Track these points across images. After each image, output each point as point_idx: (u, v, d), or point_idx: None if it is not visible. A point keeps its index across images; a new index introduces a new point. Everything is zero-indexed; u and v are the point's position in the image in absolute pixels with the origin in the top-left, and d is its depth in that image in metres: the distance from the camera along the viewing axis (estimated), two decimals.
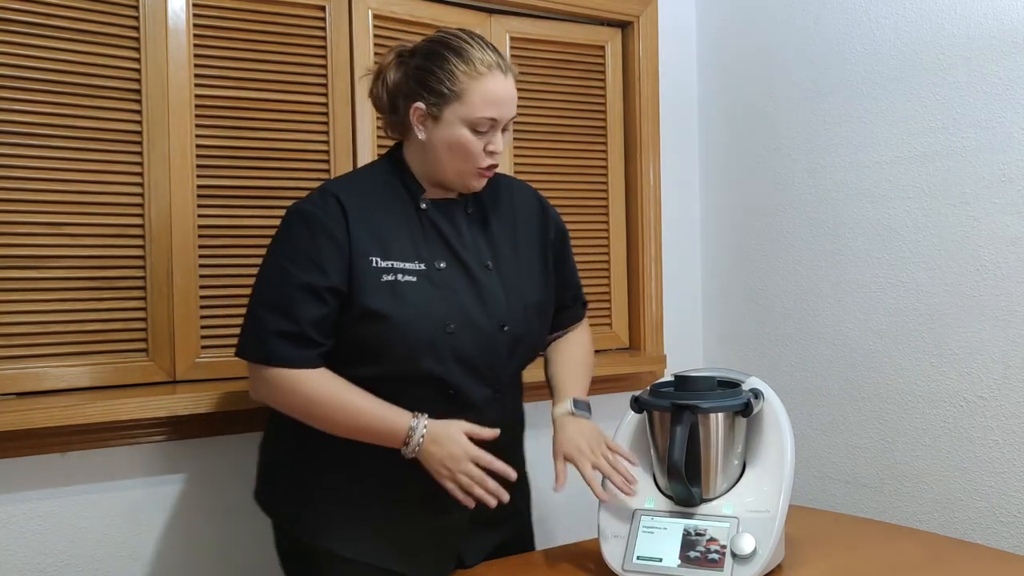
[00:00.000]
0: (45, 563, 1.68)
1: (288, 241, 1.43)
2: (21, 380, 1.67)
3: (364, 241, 1.42)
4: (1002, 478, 1.84)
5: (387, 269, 1.42)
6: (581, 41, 2.33)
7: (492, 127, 1.43)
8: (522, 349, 1.54)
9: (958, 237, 1.91)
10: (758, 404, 1.45)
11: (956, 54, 1.90)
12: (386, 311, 1.40)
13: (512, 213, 1.59)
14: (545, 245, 1.61)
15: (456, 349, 1.44)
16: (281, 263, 1.42)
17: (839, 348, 2.15)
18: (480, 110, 1.41)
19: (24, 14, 1.66)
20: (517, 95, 1.47)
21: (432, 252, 1.46)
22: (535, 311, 1.55)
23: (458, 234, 1.50)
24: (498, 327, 1.48)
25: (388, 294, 1.41)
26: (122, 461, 1.75)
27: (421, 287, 1.43)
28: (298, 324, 1.39)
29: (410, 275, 1.43)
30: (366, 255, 1.41)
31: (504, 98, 1.43)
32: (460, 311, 1.44)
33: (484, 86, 1.41)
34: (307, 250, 1.40)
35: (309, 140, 1.94)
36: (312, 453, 1.50)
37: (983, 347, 1.86)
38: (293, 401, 1.43)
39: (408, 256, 1.44)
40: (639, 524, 1.41)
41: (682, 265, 2.49)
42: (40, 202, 1.68)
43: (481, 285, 1.48)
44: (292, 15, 1.92)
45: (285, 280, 1.40)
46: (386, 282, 1.41)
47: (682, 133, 2.50)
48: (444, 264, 1.46)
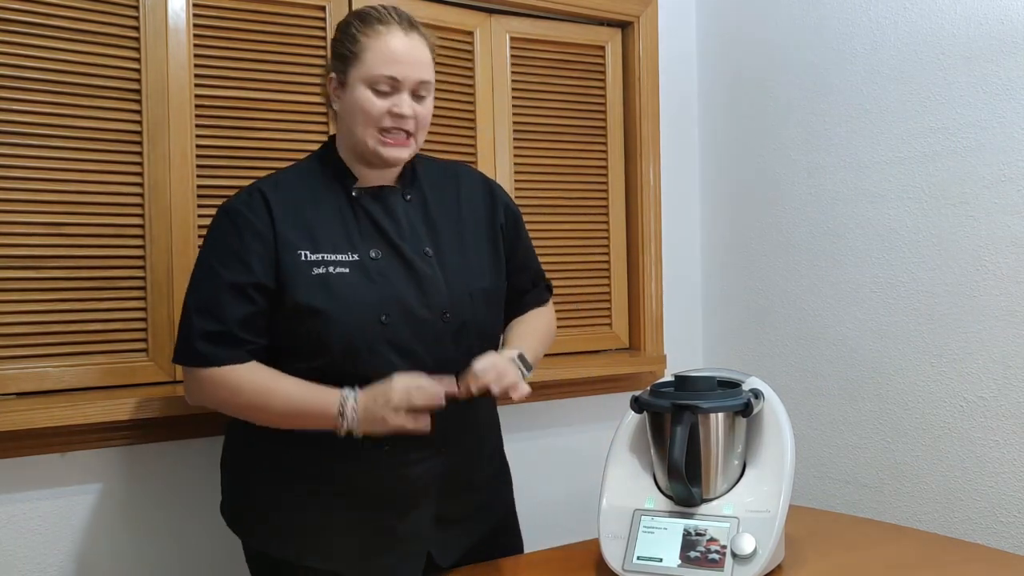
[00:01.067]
0: (45, 563, 1.68)
1: (214, 240, 1.42)
2: (21, 380, 1.66)
3: (292, 235, 1.40)
4: (1002, 478, 1.84)
5: (318, 262, 1.40)
6: (581, 41, 2.33)
7: (394, 87, 1.40)
8: (469, 337, 1.48)
9: (958, 237, 1.91)
10: (758, 404, 1.45)
11: (956, 54, 1.90)
12: (317, 305, 1.37)
13: (456, 198, 1.55)
14: (495, 230, 1.57)
15: (393, 340, 1.40)
16: (209, 263, 1.41)
17: (839, 348, 2.15)
18: (377, 67, 1.38)
19: (24, 14, 1.66)
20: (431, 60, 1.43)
21: (366, 242, 1.43)
22: (482, 297, 1.51)
23: (394, 222, 1.46)
24: (439, 315, 1.44)
25: (319, 288, 1.38)
26: (122, 461, 1.75)
27: (353, 278, 1.40)
28: (224, 324, 1.37)
29: (342, 267, 1.40)
30: (294, 249, 1.39)
31: (403, 55, 1.39)
32: (395, 301, 1.41)
33: (381, 42, 1.39)
34: (232, 248, 1.39)
35: (309, 140, 1.94)
36: (266, 465, 1.48)
37: (983, 347, 1.86)
38: (224, 397, 1.41)
39: (340, 247, 1.41)
40: (639, 524, 1.40)
41: (682, 265, 2.49)
42: (40, 202, 1.68)
43: (419, 273, 1.44)
44: (292, 15, 1.92)
45: (212, 280, 1.39)
46: (317, 275, 1.39)
47: (682, 133, 2.50)
48: (378, 253, 1.43)
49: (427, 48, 1.44)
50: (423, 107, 1.44)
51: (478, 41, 2.17)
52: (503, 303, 1.59)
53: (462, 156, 2.12)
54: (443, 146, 2.09)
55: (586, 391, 2.31)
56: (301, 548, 1.46)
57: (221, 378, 1.39)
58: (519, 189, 2.24)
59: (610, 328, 2.39)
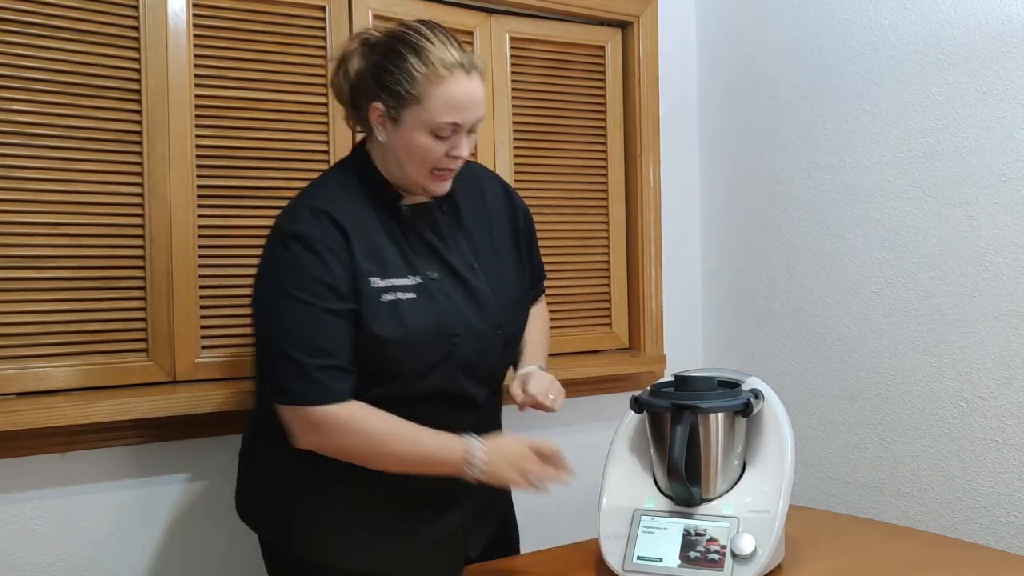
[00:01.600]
0: (45, 563, 1.68)
1: (294, 268, 1.33)
2: (21, 380, 1.66)
3: (364, 262, 1.35)
4: (1002, 478, 1.84)
5: (387, 288, 1.36)
6: (581, 41, 2.33)
7: (455, 131, 1.35)
8: (513, 344, 1.51)
9: (958, 237, 1.91)
10: (758, 404, 1.45)
11: (956, 54, 1.90)
12: (392, 334, 1.34)
13: (484, 204, 1.53)
14: (517, 234, 1.56)
15: (460, 358, 1.40)
16: (296, 295, 1.32)
17: (839, 348, 2.15)
18: (441, 115, 1.32)
19: (24, 14, 1.66)
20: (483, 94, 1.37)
21: (422, 262, 1.41)
22: (519, 304, 1.53)
23: (441, 238, 1.44)
24: (494, 328, 1.45)
25: (391, 315, 1.35)
26: (122, 461, 1.75)
27: (421, 303, 1.38)
28: (334, 356, 1.31)
29: (408, 291, 1.37)
30: (366, 276, 1.35)
31: (468, 101, 1.34)
32: (462, 320, 1.40)
33: (446, 90, 1.32)
34: (318, 276, 1.32)
35: (309, 140, 1.94)
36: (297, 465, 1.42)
37: (983, 347, 1.86)
38: (352, 442, 1.34)
39: (402, 271, 1.38)
40: (639, 524, 1.40)
41: (682, 265, 2.49)
42: (40, 202, 1.68)
43: (473, 288, 1.44)
44: (292, 15, 1.92)
45: (307, 313, 1.31)
46: (387, 302, 1.35)
47: (682, 133, 2.50)
48: (436, 274, 1.41)
49: (483, 84, 1.37)
50: (470, 141, 1.39)
51: (478, 41, 2.17)
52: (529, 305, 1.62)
53: None
54: None
55: (586, 391, 2.30)
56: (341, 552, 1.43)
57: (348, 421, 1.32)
58: (519, 189, 2.22)
59: (610, 328, 2.39)
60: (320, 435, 1.34)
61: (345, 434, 1.33)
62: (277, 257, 1.35)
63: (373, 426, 1.33)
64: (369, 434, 1.33)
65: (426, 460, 1.35)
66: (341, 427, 1.33)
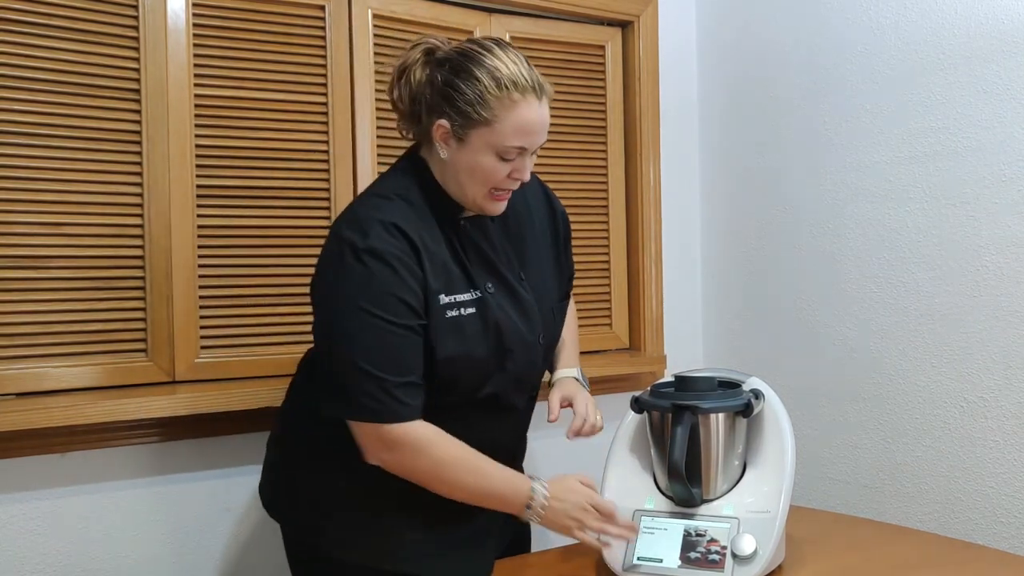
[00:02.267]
0: (45, 563, 1.68)
1: (369, 283, 1.29)
2: (21, 380, 1.66)
3: (433, 279, 1.34)
4: (1002, 478, 1.84)
5: (451, 304, 1.35)
6: (581, 41, 2.33)
7: (520, 154, 1.34)
8: (551, 351, 1.53)
9: (958, 237, 1.90)
10: (758, 404, 1.45)
11: (956, 54, 1.90)
12: (455, 353, 1.34)
13: (528, 212, 1.51)
14: (557, 240, 1.56)
15: (512, 371, 1.42)
16: (372, 311, 1.29)
17: (839, 348, 2.15)
18: (511, 139, 1.31)
19: (24, 14, 1.66)
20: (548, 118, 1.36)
21: (479, 274, 1.40)
22: (559, 311, 1.54)
23: (493, 248, 1.43)
24: (538, 339, 1.46)
25: (453, 333, 1.34)
26: (122, 461, 1.75)
27: (479, 318, 1.37)
28: (412, 372, 1.31)
29: (469, 307, 1.36)
30: (436, 293, 1.34)
31: (538, 127, 1.33)
32: (515, 333, 1.41)
33: (517, 115, 1.30)
34: (394, 292, 1.29)
35: (309, 140, 1.94)
36: (327, 465, 1.43)
37: (983, 347, 1.86)
38: (423, 464, 1.33)
39: (464, 286, 1.37)
40: (639, 524, 1.40)
41: (682, 265, 2.49)
42: (40, 202, 1.68)
43: (522, 300, 1.43)
44: (292, 15, 1.92)
45: (383, 329, 1.29)
46: (450, 319, 1.34)
47: (682, 133, 2.50)
48: (492, 286, 1.40)
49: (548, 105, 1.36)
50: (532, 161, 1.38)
51: None
52: None
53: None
54: None
55: None
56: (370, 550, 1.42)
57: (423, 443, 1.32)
58: None
59: (610, 328, 2.39)
60: (394, 453, 1.33)
61: (418, 455, 1.32)
62: (351, 271, 1.31)
63: (445, 452, 1.33)
64: (441, 459, 1.33)
65: (490, 494, 1.36)
66: (415, 447, 1.32)
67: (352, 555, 1.43)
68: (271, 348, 1.90)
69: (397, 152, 2.03)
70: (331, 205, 1.96)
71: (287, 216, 1.91)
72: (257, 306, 1.89)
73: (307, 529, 1.48)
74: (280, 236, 1.90)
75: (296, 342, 1.92)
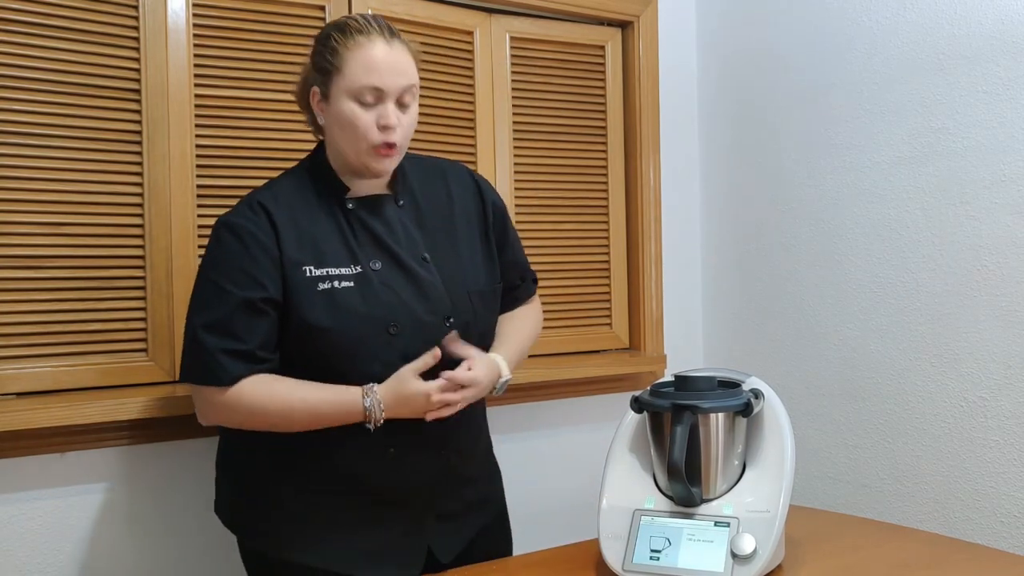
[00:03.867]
0: (45, 563, 1.68)
1: (220, 256, 1.39)
2: (21, 380, 1.67)
3: (296, 252, 1.39)
4: (1002, 478, 1.84)
5: (323, 277, 1.39)
6: (581, 41, 2.33)
7: (379, 98, 1.38)
8: (471, 339, 1.49)
9: (958, 237, 1.90)
10: (758, 404, 1.45)
11: (956, 54, 1.90)
12: (326, 323, 1.37)
13: (448, 199, 1.54)
14: (486, 228, 1.57)
15: (402, 350, 1.40)
16: (217, 280, 1.38)
17: (839, 348, 2.15)
18: (359, 79, 1.36)
19: (24, 14, 1.66)
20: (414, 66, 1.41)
21: (366, 253, 1.43)
22: (479, 298, 1.51)
23: (390, 230, 1.45)
24: (442, 320, 1.45)
25: (326, 304, 1.38)
26: (122, 461, 1.75)
27: (359, 292, 1.40)
28: (243, 342, 1.36)
29: (347, 280, 1.40)
30: (299, 265, 1.38)
31: (385, 65, 1.36)
32: (402, 310, 1.41)
33: (363, 54, 1.36)
34: (240, 264, 1.37)
35: (309, 140, 1.94)
36: (264, 463, 1.47)
37: (983, 347, 1.86)
38: (243, 417, 1.39)
39: (343, 261, 1.41)
40: (639, 524, 1.40)
41: (682, 265, 2.49)
42: (40, 202, 1.68)
43: (420, 280, 1.44)
44: (292, 15, 1.92)
45: (222, 298, 1.36)
46: (322, 291, 1.38)
47: (682, 133, 2.50)
48: (379, 264, 1.43)
49: (409, 54, 1.41)
50: (408, 116, 1.42)
51: (478, 41, 2.17)
52: (499, 301, 1.59)
53: (462, 156, 2.12)
54: (443, 146, 2.09)
55: (586, 391, 2.31)
56: (301, 547, 1.45)
57: (238, 397, 1.36)
58: (519, 189, 2.24)
59: (610, 328, 2.39)
60: (218, 414, 1.40)
61: (236, 411, 1.38)
62: (210, 245, 1.42)
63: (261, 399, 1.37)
64: (259, 407, 1.37)
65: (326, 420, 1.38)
66: (226, 404, 1.37)
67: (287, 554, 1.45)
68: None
69: None
70: None
71: None
72: None
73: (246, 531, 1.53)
74: None
75: None
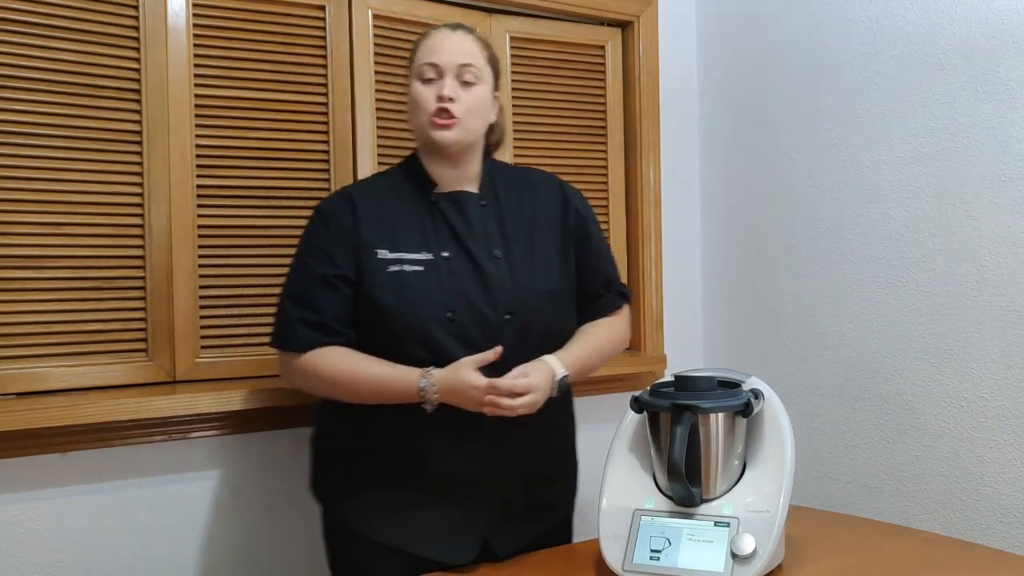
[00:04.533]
0: (45, 563, 1.68)
1: (307, 236, 1.56)
2: (21, 380, 1.67)
3: (372, 236, 1.52)
4: (1002, 478, 1.84)
5: (394, 260, 1.50)
6: (581, 41, 2.33)
7: (438, 73, 1.52)
8: (534, 338, 1.53)
9: (958, 237, 1.90)
10: (758, 404, 1.45)
11: (956, 54, 1.90)
12: (389, 299, 1.48)
13: (532, 204, 1.63)
14: (565, 233, 1.63)
15: (458, 335, 1.48)
16: (301, 256, 1.55)
17: (839, 348, 2.15)
18: (420, 59, 1.54)
19: (24, 14, 1.66)
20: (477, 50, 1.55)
21: (439, 242, 1.53)
22: (547, 298, 1.56)
23: (467, 224, 1.55)
24: (502, 314, 1.51)
25: (393, 284, 1.49)
26: (122, 461, 1.75)
27: (425, 276, 1.50)
28: (319, 314, 1.50)
29: (416, 264, 1.50)
30: (372, 248, 1.51)
31: (443, 46, 1.53)
32: (462, 298, 1.50)
33: (427, 42, 1.55)
34: (320, 243, 1.53)
35: (309, 140, 1.94)
36: (344, 442, 1.57)
37: (983, 347, 1.86)
38: (313, 382, 1.53)
39: (416, 247, 1.52)
40: (639, 524, 1.40)
41: (682, 265, 2.49)
42: (40, 202, 1.68)
43: (485, 273, 1.52)
44: (292, 15, 1.92)
45: (305, 272, 1.52)
46: (392, 272, 1.50)
47: (682, 133, 2.50)
48: (449, 254, 1.52)
49: (473, 41, 1.56)
50: (471, 94, 1.54)
51: None
52: (572, 305, 1.64)
53: None
54: None
55: (586, 391, 2.30)
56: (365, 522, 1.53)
57: (312, 363, 1.50)
58: None
59: None
60: (292, 377, 1.55)
61: (305, 375, 1.52)
62: (305, 229, 1.58)
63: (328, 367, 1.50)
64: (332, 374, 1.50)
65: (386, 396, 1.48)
66: (301, 368, 1.51)
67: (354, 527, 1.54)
68: (271, 348, 1.90)
69: (397, 152, 2.04)
70: None
71: (287, 216, 1.91)
72: (257, 306, 1.89)
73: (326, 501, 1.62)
74: (280, 236, 1.90)
75: None
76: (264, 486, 1.88)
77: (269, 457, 1.89)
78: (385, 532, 1.52)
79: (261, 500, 1.88)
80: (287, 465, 1.87)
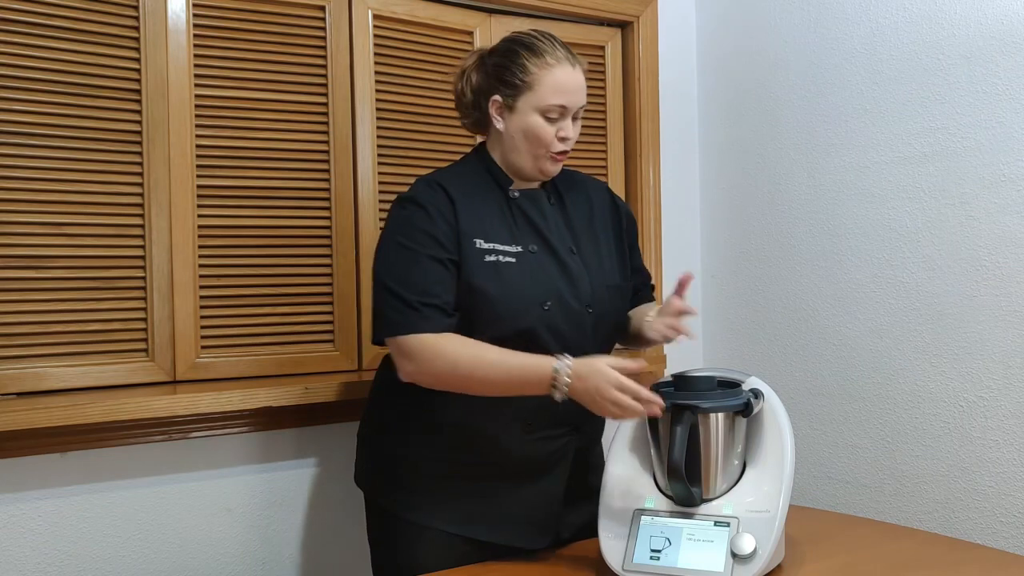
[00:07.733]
0: (45, 563, 1.68)
1: (406, 222, 1.52)
2: (21, 380, 1.67)
3: (469, 225, 1.52)
4: (1002, 478, 1.84)
5: (489, 251, 1.52)
6: (581, 41, 2.33)
7: (562, 114, 1.53)
8: (605, 329, 1.61)
9: (958, 237, 1.91)
10: (758, 404, 1.45)
11: (956, 54, 1.90)
12: (491, 289, 1.50)
13: (588, 203, 1.68)
14: (620, 232, 1.70)
15: (551, 325, 1.52)
16: (403, 243, 1.50)
17: (839, 348, 2.15)
18: (550, 98, 1.51)
19: (24, 14, 1.66)
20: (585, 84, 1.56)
21: (524, 237, 1.56)
22: (616, 292, 1.63)
23: (544, 221, 1.59)
24: (585, 307, 1.56)
25: (492, 273, 1.50)
26: (122, 461, 1.75)
27: (520, 268, 1.53)
28: (438, 296, 1.47)
29: (509, 256, 1.53)
30: (471, 236, 1.52)
31: (572, 87, 1.53)
32: (554, 291, 1.54)
33: (553, 76, 1.52)
34: (425, 228, 1.50)
35: (309, 140, 1.94)
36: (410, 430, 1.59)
37: (983, 347, 1.86)
38: (441, 366, 1.46)
39: (505, 240, 1.54)
40: (639, 524, 1.40)
41: (682, 265, 2.49)
42: (40, 202, 1.68)
43: (569, 268, 1.57)
44: (292, 15, 1.92)
45: (415, 258, 1.48)
46: (489, 262, 1.51)
47: (682, 133, 2.50)
48: (536, 248, 1.56)
49: (584, 76, 1.57)
50: (577, 127, 1.58)
51: (478, 41, 2.17)
52: (628, 299, 1.70)
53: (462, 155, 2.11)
54: (443, 145, 2.09)
55: None
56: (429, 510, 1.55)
57: (438, 348, 1.46)
58: None
59: None
60: (415, 362, 1.47)
61: (434, 360, 1.46)
62: (393, 217, 1.55)
63: (460, 351, 1.46)
64: (457, 358, 1.45)
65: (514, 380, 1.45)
66: (430, 352, 1.46)
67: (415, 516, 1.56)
68: (271, 348, 1.91)
69: (398, 152, 2.04)
70: (331, 205, 1.96)
71: (287, 216, 1.91)
72: (257, 306, 1.89)
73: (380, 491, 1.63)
74: (280, 236, 1.90)
75: (296, 342, 1.93)
76: (264, 486, 1.88)
77: (269, 457, 1.89)
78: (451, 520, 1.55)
79: (261, 500, 1.88)
80: (287, 465, 1.87)
